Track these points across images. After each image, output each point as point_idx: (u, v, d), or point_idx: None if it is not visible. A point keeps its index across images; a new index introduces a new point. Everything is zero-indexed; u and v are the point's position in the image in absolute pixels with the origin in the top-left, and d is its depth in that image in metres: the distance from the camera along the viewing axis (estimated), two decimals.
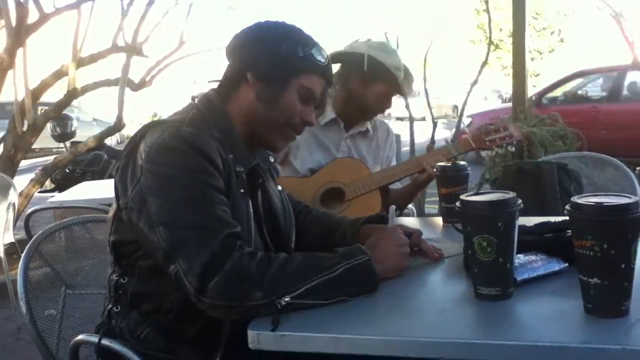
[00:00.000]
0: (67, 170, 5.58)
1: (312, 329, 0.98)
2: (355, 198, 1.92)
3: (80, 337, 1.28)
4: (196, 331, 1.16)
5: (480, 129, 1.96)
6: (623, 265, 0.91)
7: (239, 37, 1.26)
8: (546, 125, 3.86)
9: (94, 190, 3.37)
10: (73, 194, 3.20)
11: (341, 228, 1.41)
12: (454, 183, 1.67)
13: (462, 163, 1.70)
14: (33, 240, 1.51)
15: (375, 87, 1.96)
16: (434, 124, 5.24)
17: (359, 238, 1.33)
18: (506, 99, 8.97)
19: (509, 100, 8.73)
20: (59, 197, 3.16)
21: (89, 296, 1.63)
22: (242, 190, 1.20)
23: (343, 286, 1.07)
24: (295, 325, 0.98)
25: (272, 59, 1.20)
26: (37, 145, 6.51)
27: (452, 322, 0.99)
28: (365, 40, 2.01)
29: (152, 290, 1.17)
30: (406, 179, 2.08)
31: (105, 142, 5.70)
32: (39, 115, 4.85)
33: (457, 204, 1.06)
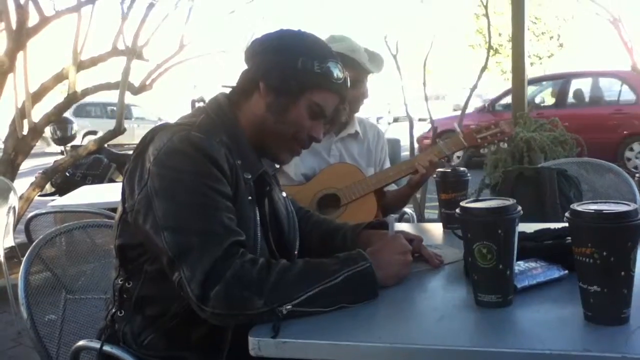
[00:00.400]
0: (67, 174, 5.57)
1: (313, 336, 0.98)
2: (351, 202, 1.93)
3: (81, 343, 1.29)
4: (199, 337, 1.16)
5: (471, 127, 1.97)
6: (623, 273, 0.91)
7: (258, 44, 1.25)
8: (546, 131, 3.86)
9: (94, 194, 3.37)
10: (73, 198, 3.20)
11: (341, 233, 1.41)
12: (454, 189, 1.68)
13: (462, 169, 1.71)
14: (34, 245, 1.51)
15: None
16: (434, 128, 5.27)
17: (359, 243, 1.33)
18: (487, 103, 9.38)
19: (489, 106, 9.08)
20: (59, 201, 3.16)
21: (89, 301, 1.63)
22: (250, 197, 1.20)
23: (344, 293, 1.07)
24: (296, 332, 0.98)
25: (287, 72, 1.20)
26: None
27: (452, 329, 0.99)
28: None
29: (158, 294, 1.17)
30: (403, 180, 2.07)
31: (105, 146, 5.69)
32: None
33: (457, 211, 1.07)
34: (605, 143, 7.36)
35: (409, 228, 1.77)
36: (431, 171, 1.87)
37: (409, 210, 2.43)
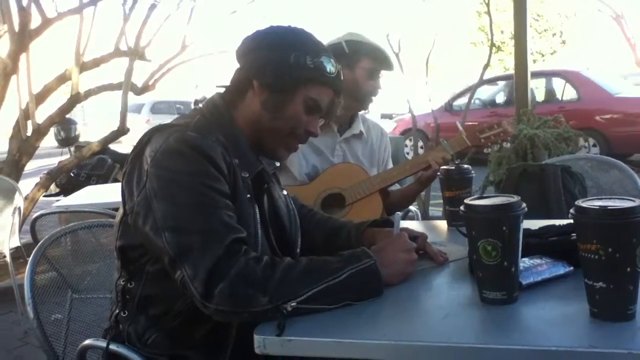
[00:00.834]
0: (72, 175, 5.59)
1: (318, 334, 0.98)
2: (355, 202, 1.93)
3: (87, 342, 1.29)
4: (203, 335, 1.16)
5: (474, 127, 1.97)
6: (628, 269, 0.91)
7: (249, 42, 1.25)
8: (550, 127, 3.85)
9: (99, 194, 3.37)
10: (78, 198, 3.21)
11: (345, 231, 1.41)
12: (458, 186, 1.68)
13: (466, 166, 1.71)
14: (39, 244, 1.52)
15: (362, 64, 1.97)
16: (437, 125, 5.26)
17: (363, 241, 1.34)
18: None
19: (447, 105, 9.32)
20: (64, 202, 3.17)
21: (95, 300, 1.64)
22: (249, 195, 1.20)
23: (348, 290, 1.07)
24: (300, 330, 0.99)
25: (280, 68, 1.19)
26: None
27: (458, 327, 0.99)
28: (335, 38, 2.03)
29: (160, 294, 1.17)
30: (406, 180, 2.08)
31: (109, 146, 5.70)
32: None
33: (462, 208, 1.07)
34: None
35: (414, 225, 1.77)
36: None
37: (414, 208, 2.43)
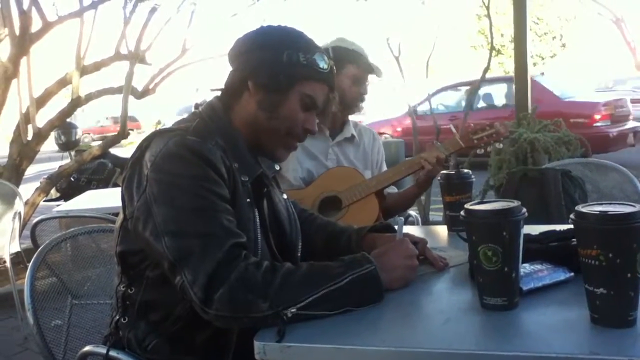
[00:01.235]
0: (72, 179, 5.59)
1: (318, 340, 0.98)
2: (352, 204, 1.93)
3: (87, 348, 1.29)
4: (204, 341, 1.16)
5: (467, 128, 1.99)
6: (629, 275, 0.91)
7: (241, 43, 1.25)
8: (550, 131, 3.84)
9: (99, 199, 3.38)
10: (78, 203, 3.21)
11: (346, 236, 1.41)
12: (458, 191, 1.68)
13: (466, 171, 1.71)
14: (40, 250, 1.52)
15: (347, 72, 1.98)
16: (437, 128, 5.26)
17: (364, 246, 1.33)
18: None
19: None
20: (64, 207, 3.17)
21: (95, 306, 1.64)
22: (248, 200, 1.20)
23: (349, 296, 1.07)
24: (301, 336, 0.98)
25: (274, 67, 1.20)
26: None
27: (458, 332, 0.98)
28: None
29: (161, 299, 1.17)
30: (406, 183, 2.08)
31: (110, 151, 5.70)
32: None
33: (462, 213, 1.07)
34: None
35: (414, 230, 1.77)
36: (437, 169, 1.88)
37: (414, 213, 2.43)
